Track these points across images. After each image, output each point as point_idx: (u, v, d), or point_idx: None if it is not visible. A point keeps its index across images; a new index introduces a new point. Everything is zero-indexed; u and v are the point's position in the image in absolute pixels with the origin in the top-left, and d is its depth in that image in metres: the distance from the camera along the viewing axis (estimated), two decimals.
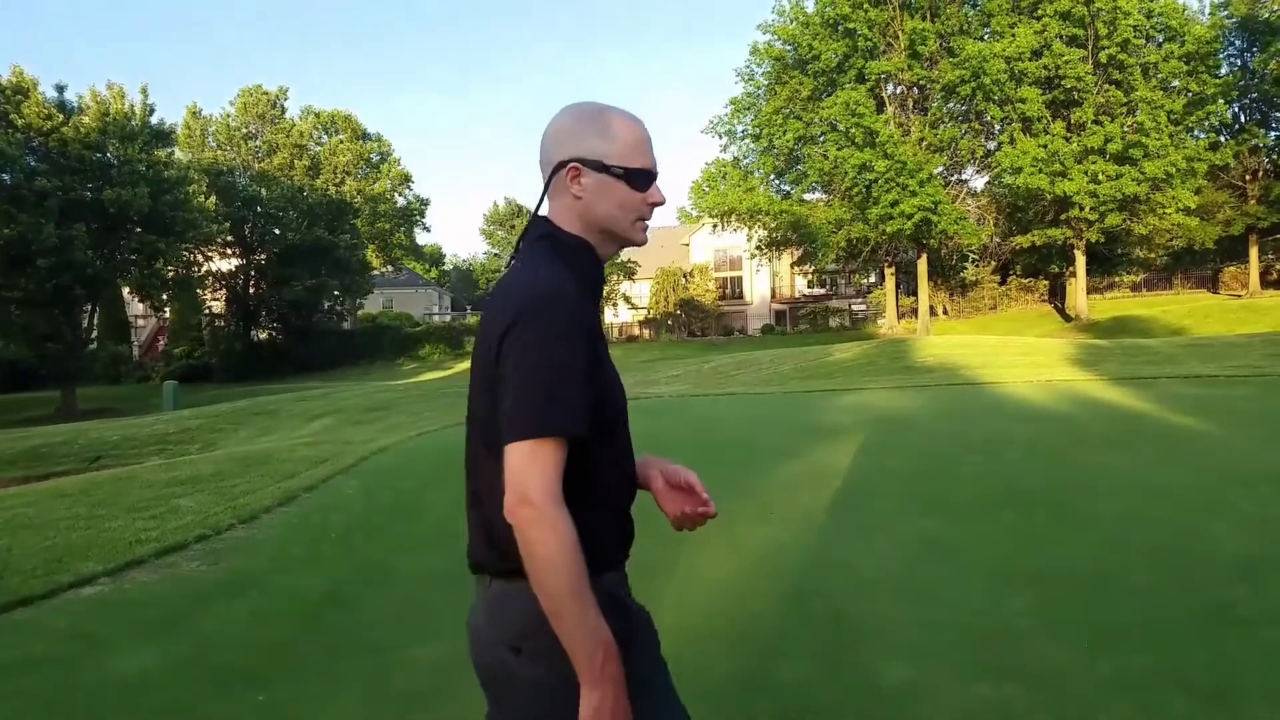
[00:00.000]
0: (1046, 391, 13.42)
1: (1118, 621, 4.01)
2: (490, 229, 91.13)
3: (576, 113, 1.69)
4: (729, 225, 47.17)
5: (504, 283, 1.66)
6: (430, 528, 6.76)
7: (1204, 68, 40.23)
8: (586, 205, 1.67)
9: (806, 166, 45.04)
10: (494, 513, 1.50)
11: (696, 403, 14.54)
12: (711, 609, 4.60)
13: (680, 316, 59.41)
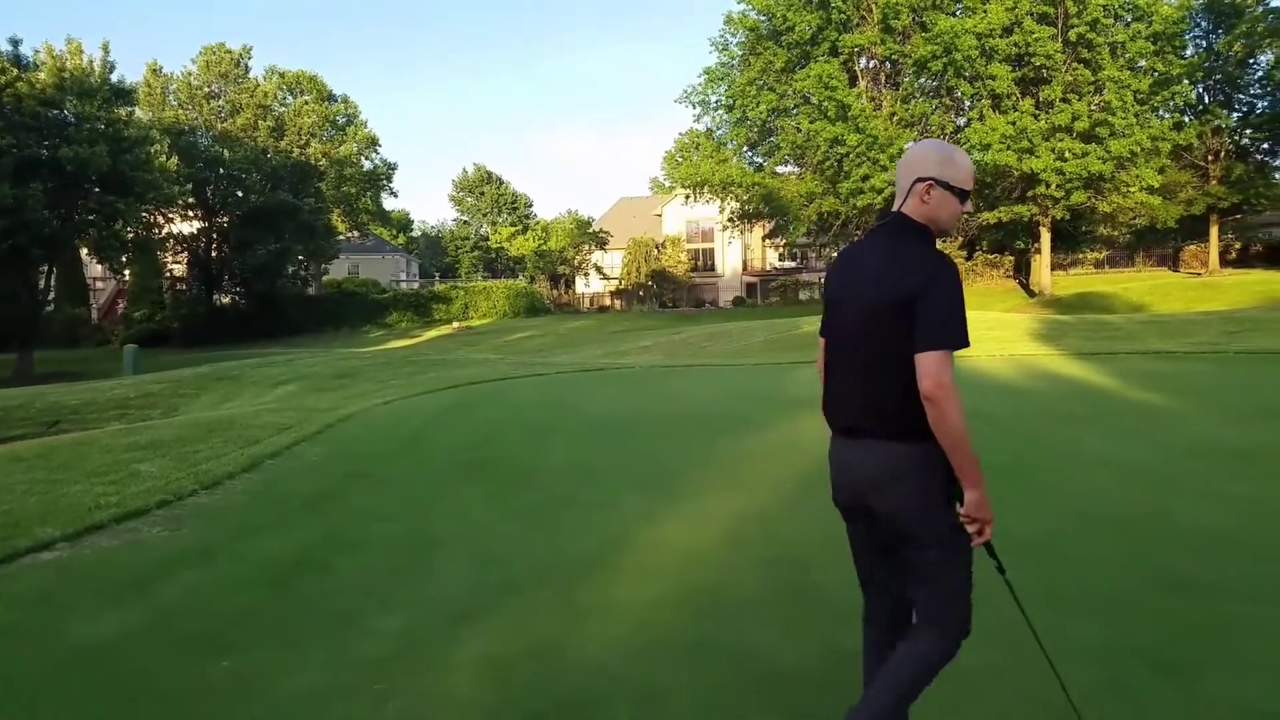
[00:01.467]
0: (1011, 365, 13.60)
1: (1078, 591, 4.08)
2: (460, 195, 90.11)
3: (936, 147, 2.56)
4: (702, 197, 47.05)
5: (894, 253, 2.49)
6: (396, 496, 6.72)
7: (1170, 48, 40.58)
8: (932, 209, 2.52)
9: (779, 139, 44.97)
10: (885, 399, 2.45)
11: (667, 373, 14.54)
12: (679, 577, 4.63)
13: (652, 287, 59.26)
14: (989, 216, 44.69)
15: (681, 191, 49.64)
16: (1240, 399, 9.33)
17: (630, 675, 3.51)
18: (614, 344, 26.63)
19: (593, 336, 33.23)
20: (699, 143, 47.54)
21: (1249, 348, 13.24)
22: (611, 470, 7.19)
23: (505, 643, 3.85)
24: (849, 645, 3.63)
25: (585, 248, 60.30)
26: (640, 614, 4.10)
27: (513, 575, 4.76)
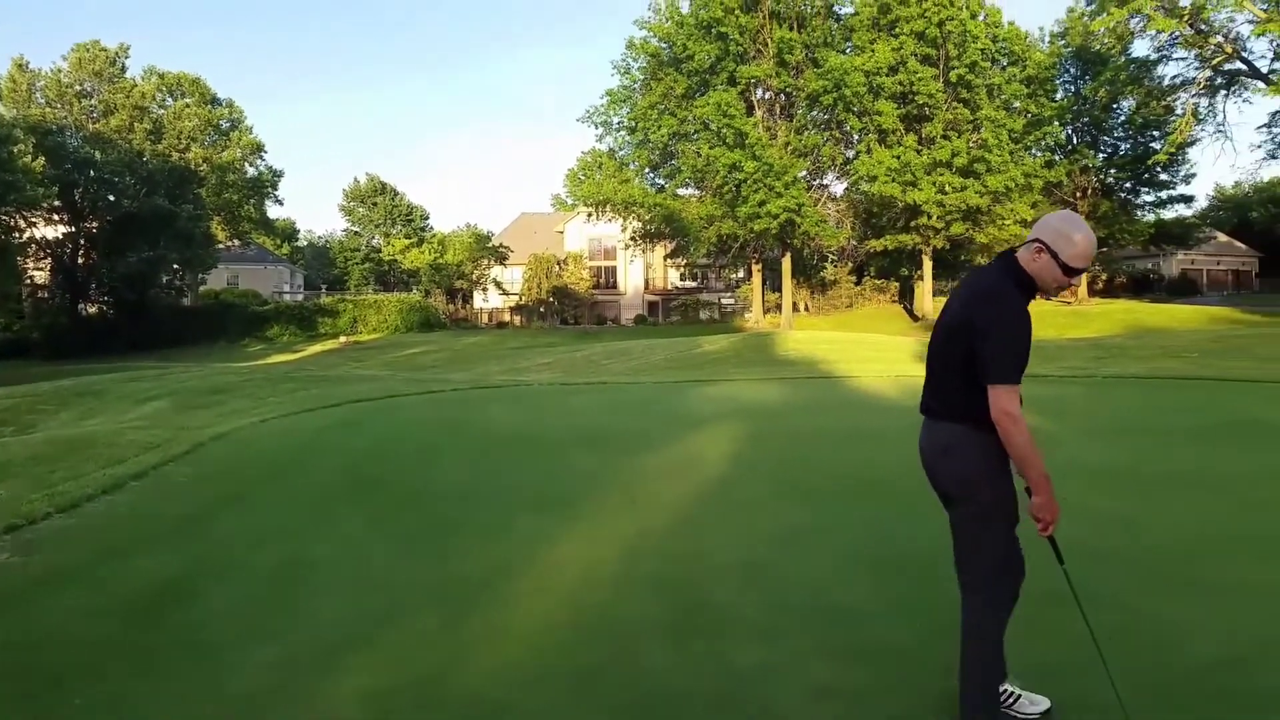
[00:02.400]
0: (896, 386, 14.02)
1: (952, 603, 4.11)
2: (350, 205, 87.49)
3: (1063, 219, 2.89)
4: (604, 215, 47.26)
5: (981, 285, 2.99)
6: (271, 519, 6.38)
7: (1042, 91, 43.21)
8: (1038, 269, 2.88)
9: (680, 162, 45.73)
10: (948, 392, 3.00)
11: (567, 391, 14.39)
12: (572, 600, 4.54)
13: (553, 304, 58.95)
14: (876, 244, 46.46)
15: (584, 209, 49.75)
16: (1108, 420, 9.84)
17: (518, 704, 3.40)
18: (512, 361, 26.28)
19: (490, 353, 32.71)
20: (602, 162, 47.79)
21: (1115, 372, 14.04)
22: (504, 491, 7.03)
23: (386, 674, 3.69)
24: (743, 664, 3.65)
25: (484, 262, 59.46)
26: (530, 640, 3.99)
27: (396, 602, 4.58)
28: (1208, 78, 37.92)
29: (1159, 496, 6.27)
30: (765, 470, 7.59)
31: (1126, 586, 4.31)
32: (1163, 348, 18.84)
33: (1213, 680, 3.38)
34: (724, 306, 59.25)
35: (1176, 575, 4.59)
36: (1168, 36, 37.16)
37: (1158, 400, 11.48)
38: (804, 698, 3.35)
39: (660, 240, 49.88)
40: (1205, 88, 38.55)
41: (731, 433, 9.49)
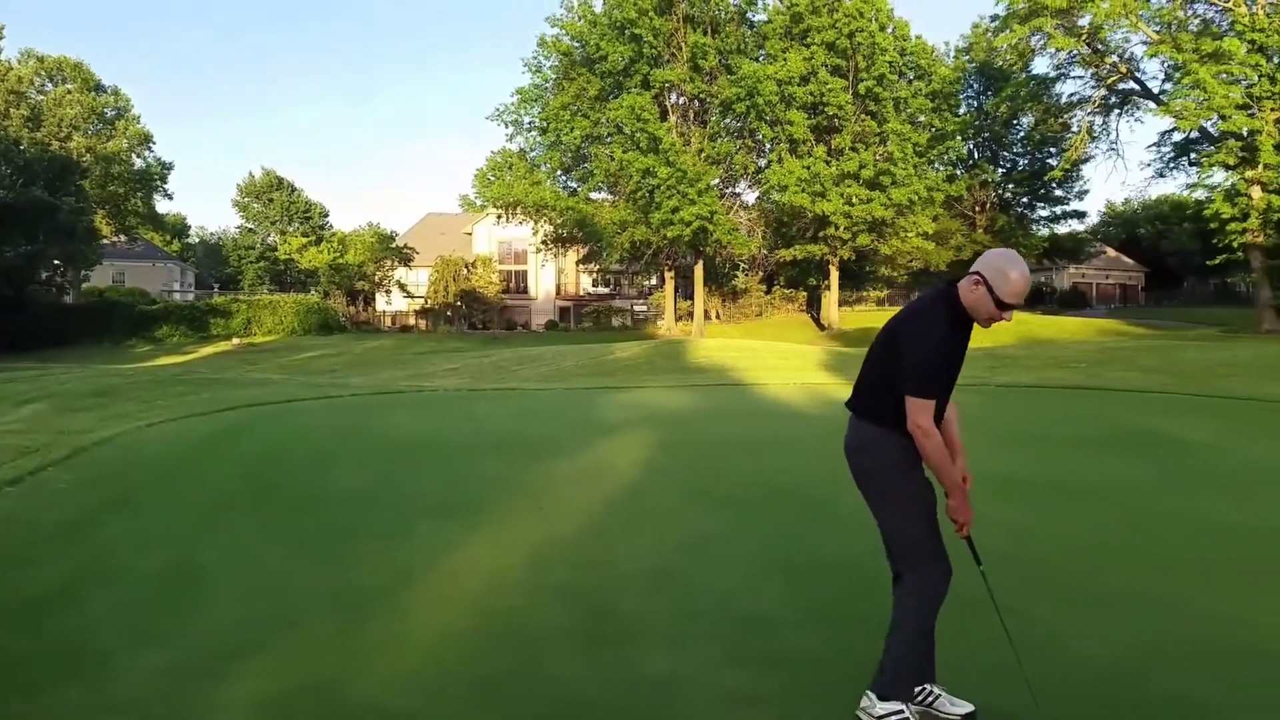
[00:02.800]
0: (802, 393, 14.30)
1: (864, 609, 4.22)
2: (245, 201, 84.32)
3: (1002, 257, 3.04)
4: (514, 217, 46.71)
5: (915, 305, 3.20)
6: (159, 524, 6.13)
7: (946, 106, 44.78)
8: (973, 300, 3.03)
9: (593, 165, 45.57)
10: (873, 397, 3.18)
11: (473, 397, 14.20)
12: (476, 607, 4.46)
13: (460, 308, 57.85)
14: (785, 254, 47.33)
15: (493, 211, 48.96)
16: (1001, 428, 10.21)
17: (419, 713, 3.33)
18: (416, 366, 25.77)
19: (393, 357, 32.00)
20: (512, 163, 47.29)
21: (1008, 381, 14.62)
22: (405, 497, 6.89)
23: (280, 680, 3.59)
24: (651, 672, 3.64)
25: (388, 263, 57.92)
26: (431, 647, 3.92)
27: (291, 609, 4.44)
28: (1103, 96, 39.88)
29: (1047, 505, 6.53)
30: (676, 477, 7.62)
31: (1016, 593, 4.43)
32: (1053, 358, 19.71)
33: (1098, 687, 3.49)
34: (636, 313, 59.42)
35: (1064, 583, 4.75)
36: (1066, 55, 38.89)
37: (1047, 409, 12.00)
38: (713, 705, 3.35)
39: (573, 245, 49.60)
40: (1100, 106, 40.53)
41: (642, 440, 9.50)
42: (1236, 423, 10.65)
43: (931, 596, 3.09)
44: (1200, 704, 3.31)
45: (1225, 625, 4.09)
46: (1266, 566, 4.95)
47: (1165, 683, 3.51)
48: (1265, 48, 31.81)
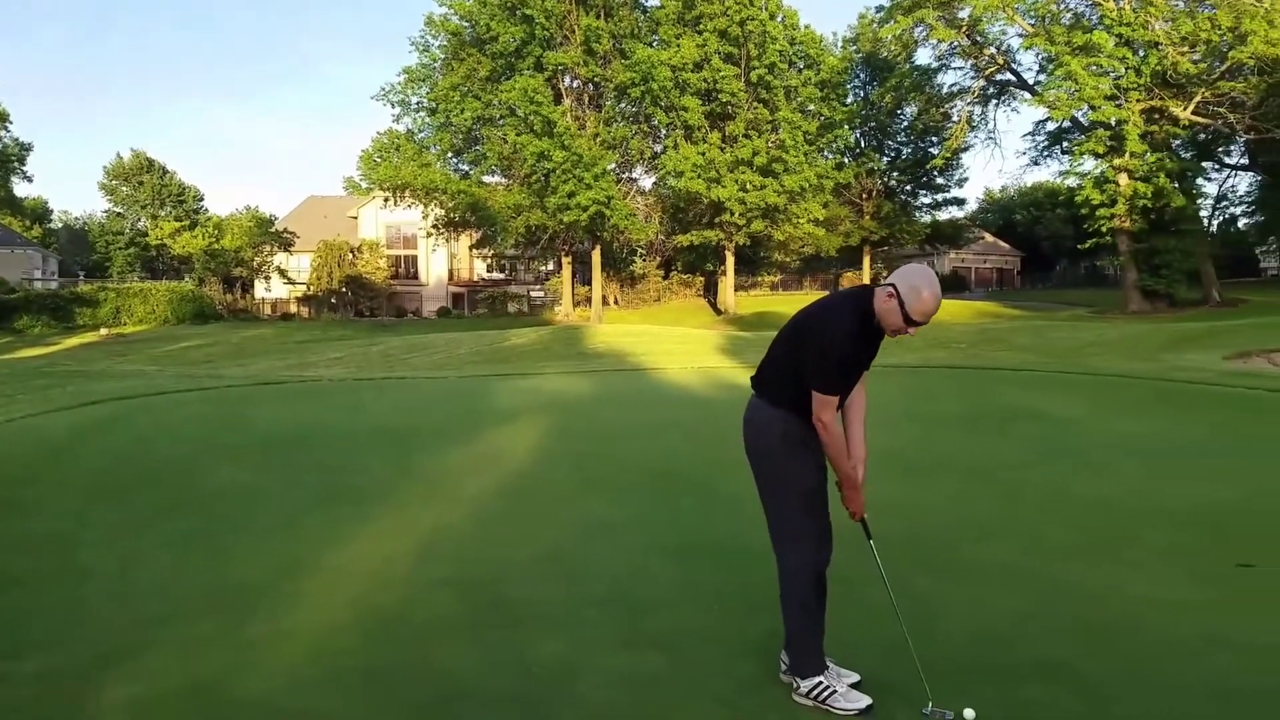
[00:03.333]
0: (699, 377, 14.46)
1: (753, 589, 4.31)
2: (113, 184, 79.40)
3: (918, 273, 3.08)
4: (402, 201, 45.48)
5: (828, 300, 3.26)
6: (25, 524, 5.80)
7: (834, 95, 45.90)
8: (884, 311, 3.07)
9: (485, 148, 44.81)
10: (774, 379, 3.27)
11: (360, 387, 13.82)
12: (364, 600, 4.36)
13: (346, 295, 55.99)
14: (682, 239, 47.75)
15: (380, 194, 47.49)
16: (884, 408, 10.52)
17: (305, 708, 3.26)
18: (299, 355, 24.92)
19: (274, 347, 30.81)
20: (399, 144, 45.98)
21: (892, 362, 15.12)
22: (289, 490, 6.66)
23: (159, 682, 3.45)
24: (541, 657, 3.64)
25: (267, 248, 55.52)
26: (317, 642, 3.83)
27: (169, 608, 4.26)
28: (981, 87, 41.62)
29: (928, 480, 6.79)
30: (570, 464, 7.60)
31: (897, 566, 4.58)
32: (935, 339, 20.51)
33: (971, 653, 3.64)
34: (533, 299, 58.92)
35: (941, 556, 4.95)
36: (947, 46, 40.40)
37: (929, 388, 12.45)
38: (604, 687, 3.36)
39: (465, 229, 48.63)
40: (979, 96, 42.31)
41: (537, 427, 9.43)
42: (1104, 399, 11.29)
43: (802, 575, 3.18)
44: (1069, 671, 3.47)
45: (1092, 596, 4.31)
46: (1130, 538, 5.25)
47: (1036, 651, 3.68)
48: (1131, 41, 33.76)
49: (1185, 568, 4.66)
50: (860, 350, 3.15)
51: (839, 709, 3.11)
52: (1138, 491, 6.38)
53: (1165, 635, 3.78)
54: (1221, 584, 4.38)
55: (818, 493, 3.20)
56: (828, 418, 3.06)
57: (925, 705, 3.07)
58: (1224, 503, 5.94)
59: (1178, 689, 3.27)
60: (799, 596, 3.19)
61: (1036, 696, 3.24)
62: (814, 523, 3.20)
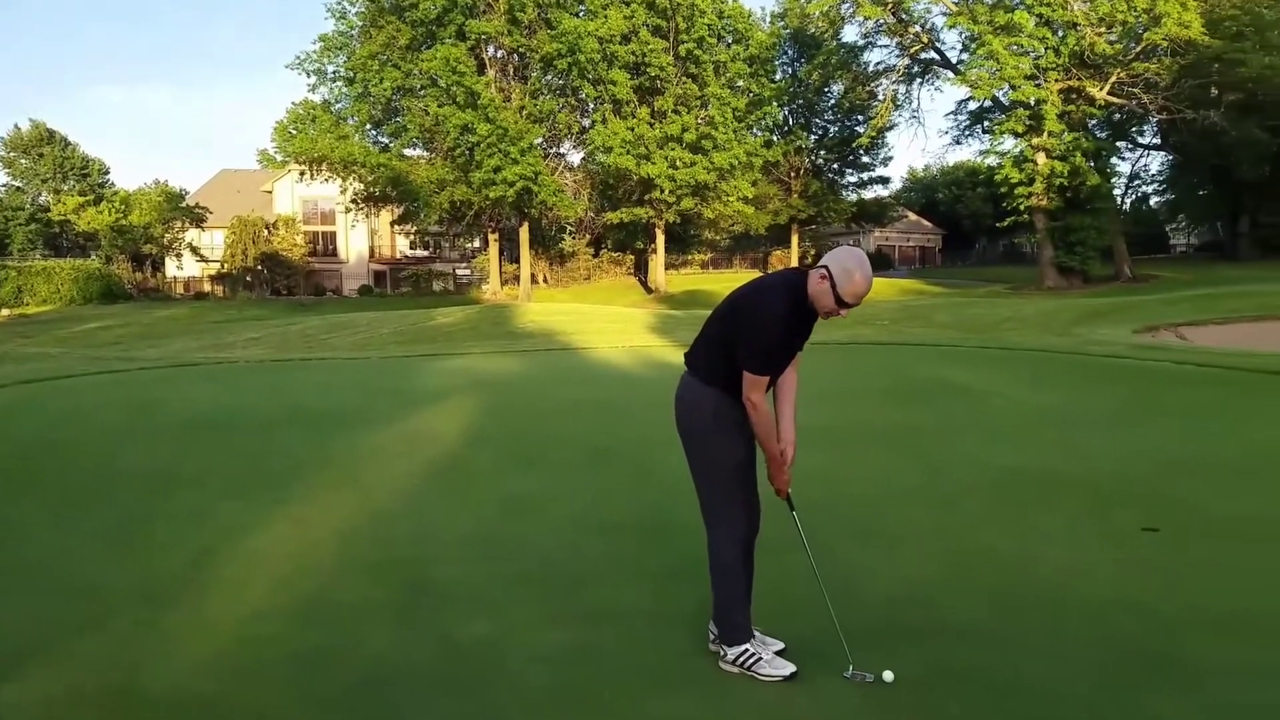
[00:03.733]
0: (630, 356, 14.47)
1: (682, 563, 4.35)
2: (10, 156, 75.23)
3: (850, 256, 3.12)
4: (320, 174, 44.18)
5: (763, 281, 3.30)
6: None
7: (763, 72, 46.15)
8: (817, 293, 3.12)
9: (406, 120, 43.75)
10: (707, 357, 3.28)
11: (279, 369, 13.47)
12: (286, 586, 4.27)
13: (262, 273, 54.22)
14: (612, 217, 47.56)
15: (296, 167, 46.05)
16: (814, 383, 10.69)
17: (226, 697, 3.19)
18: (214, 336, 24.13)
19: (187, 327, 29.79)
20: (316, 115, 44.58)
21: (822, 339, 15.29)
22: (205, 476, 6.45)
23: (74, 676, 3.34)
24: (469, 637, 3.62)
25: (178, 224, 53.38)
26: (239, 630, 3.74)
27: (84, 600, 4.11)
28: (906, 66, 42.29)
29: (852, 452, 6.94)
30: (498, 443, 7.54)
31: (823, 534, 4.67)
32: (860, 316, 20.88)
33: (893, 615, 3.75)
34: (459, 277, 58.06)
35: (865, 523, 5.09)
36: (874, 24, 40.90)
37: (855, 363, 12.70)
38: (532, 664, 3.36)
39: (386, 204, 47.54)
40: (904, 75, 42.98)
41: (464, 407, 9.31)
42: (1020, 372, 11.66)
43: (730, 548, 3.24)
44: (984, 632, 3.59)
45: (1006, 560, 4.47)
46: (1043, 504, 5.44)
47: (952, 613, 3.79)
48: (1051, 21, 34.68)
49: (1095, 532, 4.86)
50: (793, 332, 3.19)
51: (764, 675, 3.17)
52: (1051, 460, 6.61)
53: (1075, 597, 3.93)
54: (1128, 547, 4.57)
55: (747, 468, 3.26)
56: (757, 398, 3.11)
57: (846, 669, 3.13)
58: (1132, 470, 6.20)
59: (1085, 648, 3.40)
60: (727, 568, 3.24)
61: (952, 657, 3.34)
62: (743, 498, 3.25)
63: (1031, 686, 3.10)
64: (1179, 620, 3.62)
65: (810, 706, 2.98)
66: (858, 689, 3.06)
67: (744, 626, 3.26)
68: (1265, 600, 3.84)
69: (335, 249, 61.98)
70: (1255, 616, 3.66)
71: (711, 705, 3.03)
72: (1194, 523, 4.95)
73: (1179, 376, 10.79)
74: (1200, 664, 3.24)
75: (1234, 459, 6.54)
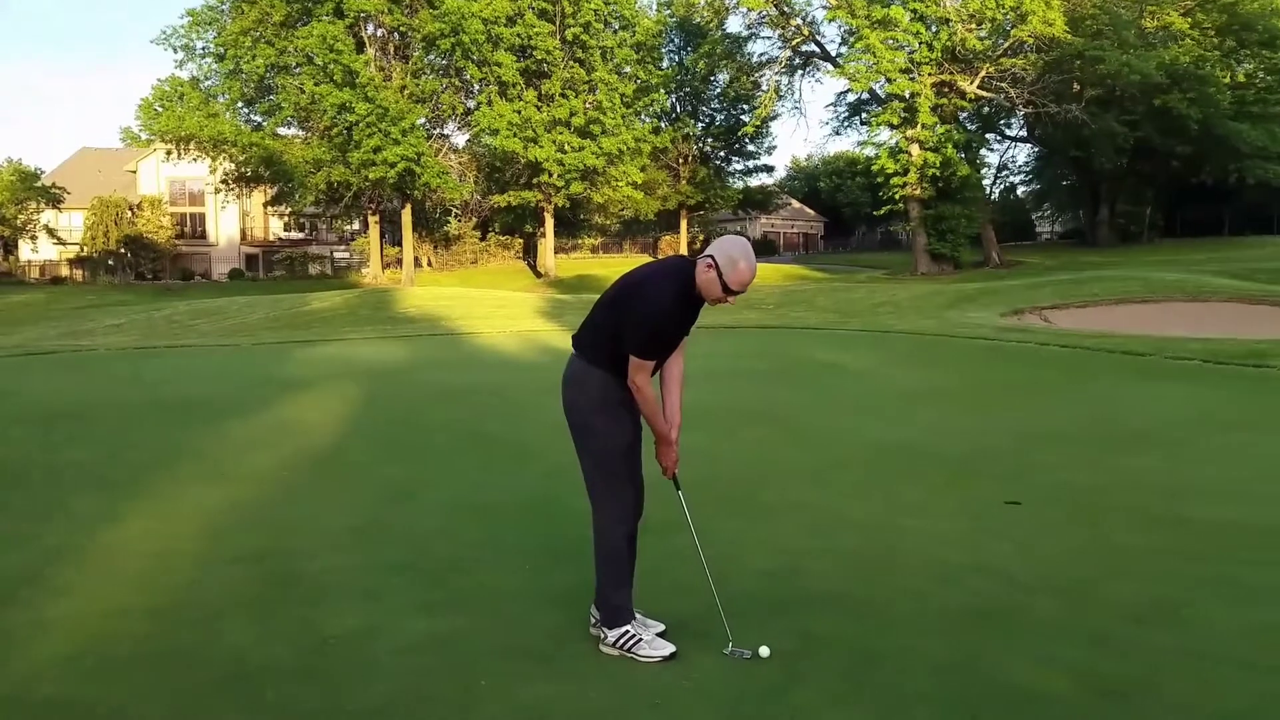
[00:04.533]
0: (518, 340, 14.35)
1: (561, 544, 4.35)
2: None
3: (734, 245, 3.17)
4: (188, 154, 41.91)
5: (650, 268, 3.32)
6: None
7: (650, 59, 46.27)
8: (704, 281, 3.15)
9: (280, 98, 41.88)
10: (594, 340, 3.30)
11: (142, 356, 12.81)
12: (144, 582, 4.07)
13: (125, 256, 51.23)
14: (499, 200, 46.89)
15: (162, 146, 43.57)
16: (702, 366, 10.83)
17: (80, 697, 3.01)
18: (73, 322, 22.72)
19: (43, 313, 28.01)
20: (183, 92, 42.22)
21: (710, 323, 15.54)
22: (58, 470, 6.09)
23: None
24: (337, 629, 3.53)
25: (33, 205, 49.86)
26: (92, 629, 3.55)
27: None
28: (788, 57, 43.16)
29: (732, 431, 7.09)
30: (373, 431, 7.38)
31: (701, 511, 4.74)
32: (746, 302, 21.25)
33: (763, 588, 3.83)
34: (337, 261, 56.18)
35: (742, 498, 5.20)
36: (757, 15, 41.52)
37: (739, 346, 12.95)
38: (400, 652, 3.28)
39: (259, 185, 45.49)
40: (786, 66, 43.87)
41: (339, 394, 9.05)
42: (893, 353, 12.14)
43: (615, 529, 3.27)
44: (850, 599, 3.71)
45: (873, 530, 4.65)
46: (911, 478, 5.68)
47: (821, 583, 3.91)
48: (925, 17, 35.97)
49: (955, 503, 5.10)
50: (680, 319, 3.23)
51: (643, 656, 3.19)
52: (920, 435, 6.91)
53: (934, 564, 4.11)
54: (986, 517, 4.81)
55: (632, 450, 3.30)
56: (641, 380, 3.16)
57: (726, 646, 3.18)
58: (995, 446, 6.54)
59: (946, 613, 3.56)
60: (612, 549, 3.27)
61: (820, 626, 3.44)
62: (629, 479, 3.29)
63: (891, 652, 3.21)
64: (1030, 585, 3.83)
65: (686, 685, 3.01)
66: (733, 665, 3.11)
67: (626, 608, 3.28)
68: (1109, 564, 4.10)
69: (205, 231, 58.94)
70: (1100, 581, 3.89)
71: (587, 688, 3.02)
72: (1048, 493, 5.25)
73: (1041, 357, 11.44)
74: (1050, 626, 3.42)
75: (1088, 433, 6.99)
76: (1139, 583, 3.83)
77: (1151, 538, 4.42)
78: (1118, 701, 2.83)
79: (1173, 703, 2.80)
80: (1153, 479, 5.52)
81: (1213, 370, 9.69)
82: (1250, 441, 6.59)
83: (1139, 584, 3.82)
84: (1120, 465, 5.92)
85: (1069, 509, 4.94)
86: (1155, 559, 4.13)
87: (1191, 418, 7.48)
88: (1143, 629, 3.36)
